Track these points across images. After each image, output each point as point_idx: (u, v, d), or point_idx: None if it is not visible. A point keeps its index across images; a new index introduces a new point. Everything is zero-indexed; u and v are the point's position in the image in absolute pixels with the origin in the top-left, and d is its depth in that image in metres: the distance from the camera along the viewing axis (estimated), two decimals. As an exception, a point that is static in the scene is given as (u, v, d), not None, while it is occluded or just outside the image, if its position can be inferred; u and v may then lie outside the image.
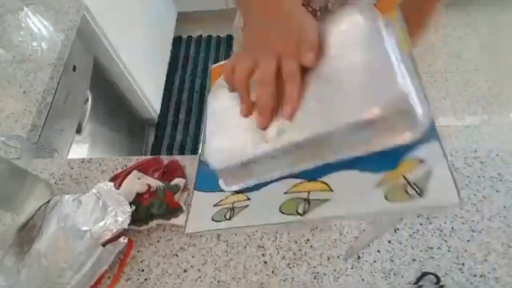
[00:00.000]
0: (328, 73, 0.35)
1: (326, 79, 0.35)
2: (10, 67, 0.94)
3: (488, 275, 0.56)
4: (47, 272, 0.56)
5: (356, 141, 0.32)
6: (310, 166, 0.35)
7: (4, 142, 0.75)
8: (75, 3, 1.07)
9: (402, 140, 0.31)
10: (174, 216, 0.63)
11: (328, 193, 0.34)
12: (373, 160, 0.33)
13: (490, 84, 1.93)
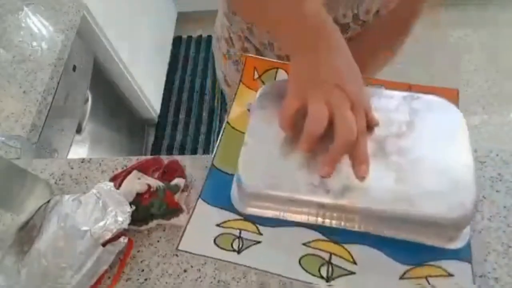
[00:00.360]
0: (411, 152, 0.35)
1: (408, 158, 0.35)
2: (10, 67, 0.94)
3: (488, 275, 0.56)
4: (47, 272, 0.56)
5: (402, 226, 0.33)
6: (339, 225, 0.34)
7: (4, 142, 0.75)
8: (75, 3, 1.07)
9: (441, 244, 0.33)
10: (174, 216, 0.63)
11: (352, 265, 0.34)
12: (401, 249, 0.33)
13: (490, 84, 1.93)
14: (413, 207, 0.32)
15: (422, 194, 0.33)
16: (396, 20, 0.60)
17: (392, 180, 0.34)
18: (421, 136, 0.37)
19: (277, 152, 0.36)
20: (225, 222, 0.39)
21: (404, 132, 0.37)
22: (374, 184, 0.34)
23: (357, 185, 0.34)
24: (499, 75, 1.96)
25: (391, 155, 0.36)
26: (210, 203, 0.41)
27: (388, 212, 0.32)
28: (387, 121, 0.38)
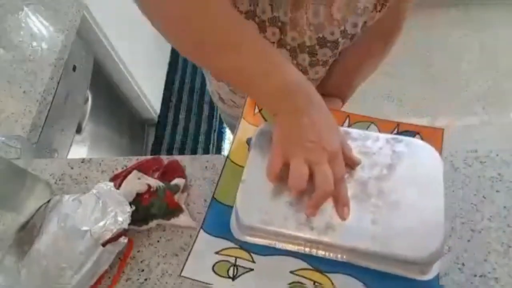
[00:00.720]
0: (389, 195, 0.40)
1: (386, 201, 0.39)
2: (10, 67, 0.94)
3: (488, 275, 0.56)
4: (47, 272, 0.56)
5: (378, 260, 0.37)
6: (325, 256, 0.38)
7: (4, 142, 0.75)
8: (75, 3, 1.07)
9: (413, 276, 0.37)
10: (174, 216, 0.63)
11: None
12: (378, 279, 0.38)
13: (490, 84, 1.93)
14: (386, 247, 0.37)
15: (395, 235, 0.38)
16: (380, 31, 0.62)
17: (370, 221, 0.39)
18: (400, 180, 0.41)
19: (271, 190, 0.41)
20: (223, 250, 0.44)
21: (385, 175, 0.42)
22: (354, 224, 0.38)
23: (339, 224, 0.39)
24: (499, 75, 1.96)
25: (371, 197, 0.40)
26: (211, 233, 0.45)
27: (364, 250, 0.37)
28: (371, 163, 0.43)
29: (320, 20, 0.53)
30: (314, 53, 0.56)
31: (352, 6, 0.51)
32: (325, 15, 0.52)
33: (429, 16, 2.20)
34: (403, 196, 0.41)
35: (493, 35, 2.10)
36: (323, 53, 0.57)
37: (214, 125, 1.93)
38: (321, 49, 0.56)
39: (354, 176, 0.42)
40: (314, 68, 0.58)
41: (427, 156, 0.44)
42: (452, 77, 1.97)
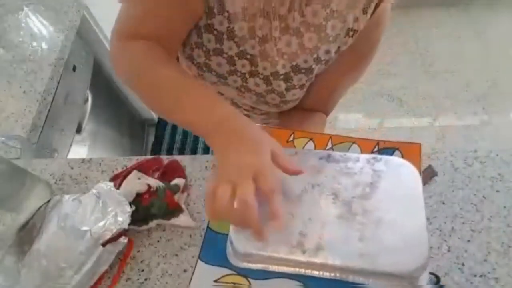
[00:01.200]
0: (373, 213, 0.41)
1: (370, 219, 0.41)
2: (10, 67, 0.94)
3: (488, 275, 0.56)
4: (47, 272, 0.56)
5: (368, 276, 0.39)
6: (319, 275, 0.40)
7: (4, 142, 0.75)
8: (75, 3, 1.07)
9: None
10: (174, 216, 0.63)
11: None
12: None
13: (490, 84, 1.93)
14: (375, 264, 0.39)
15: (382, 251, 0.39)
16: (357, 49, 0.63)
17: (357, 239, 0.41)
18: (382, 197, 0.44)
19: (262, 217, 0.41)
20: (221, 278, 0.45)
21: (368, 193, 0.44)
22: (342, 242, 0.40)
23: (328, 244, 0.41)
24: (499, 75, 1.96)
25: (357, 215, 0.42)
26: (208, 262, 0.47)
27: (354, 268, 0.39)
28: (353, 184, 0.45)
29: (292, 50, 0.54)
30: (289, 79, 0.58)
31: (323, 36, 0.52)
32: (297, 45, 0.54)
33: (429, 16, 2.20)
34: (386, 213, 0.43)
35: (493, 35, 2.11)
36: (299, 78, 0.58)
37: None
38: (296, 75, 0.57)
39: (339, 197, 0.44)
40: (291, 91, 0.60)
41: (406, 173, 0.46)
42: (452, 77, 1.97)
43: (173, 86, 0.48)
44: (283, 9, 0.50)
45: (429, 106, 1.88)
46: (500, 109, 1.86)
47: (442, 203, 0.64)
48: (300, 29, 0.52)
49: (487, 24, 2.16)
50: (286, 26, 0.52)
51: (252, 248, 0.42)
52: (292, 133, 0.53)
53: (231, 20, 0.52)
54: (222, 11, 0.51)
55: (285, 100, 0.61)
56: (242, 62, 0.57)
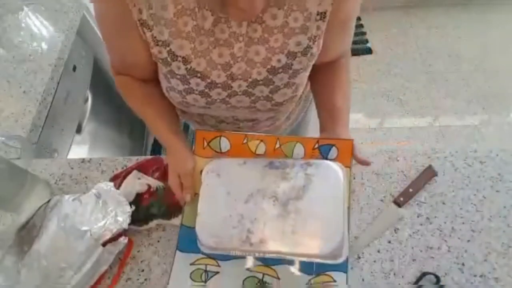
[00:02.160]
0: (303, 210, 0.54)
1: (301, 215, 0.54)
2: (10, 67, 0.94)
3: (488, 275, 0.56)
4: (47, 272, 0.56)
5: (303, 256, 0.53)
6: (269, 256, 0.53)
7: (4, 142, 0.75)
8: (75, 3, 1.07)
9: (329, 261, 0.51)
10: (174, 216, 0.63)
11: (277, 280, 0.56)
12: (307, 266, 0.55)
13: (490, 84, 1.93)
14: (305, 249, 0.52)
15: (309, 240, 0.52)
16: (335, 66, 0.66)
17: (290, 232, 0.53)
18: (311, 197, 0.55)
19: (219, 217, 0.55)
20: (196, 261, 0.57)
21: (300, 195, 0.55)
22: (279, 236, 0.53)
23: (269, 238, 0.53)
24: (499, 75, 1.96)
25: (291, 213, 0.54)
26: (184, 250, 0.58)
27: (290, 253, 0.52)
28: (290, 187, 0.56)
29: (262, 56, 0.55)
30: (270, 82, 0.58)
31: (287, 31, 0.53)
32: (266, 50, 0.54)
33: (429, 16, 2.20)
34: (313, 210, 0.54)
35: (493, 35, 2.10)
36: (280, 78, 0.58)
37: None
38: (275, 76, 0.57)
39: (278, 199, 0.56)
40: (278, 93, 0.60)
41: (331, 173, 0.56)
42: (452, 77, 1.97)
43: (145, 119, 0.65)
44: (242, 28, 0.52)
45: (429, 106, 1.87)
46: (500, 109, 1.86)
47: (442, 203, 0.64)
48: (264, 35, 0.53)
49: (487, 24, 2.16)
50: (249, 39, 0.54)
51: (213, 243, 0.54)
52: (245, 136, 0.63)
53: (186, 61, 0.55)
54: (175, 58, 0.55)
55: (277, 103, 0.62)
56: (215, 91, 0.59)
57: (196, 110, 0.65)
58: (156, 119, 0.64)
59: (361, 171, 0.68)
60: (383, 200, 0.65)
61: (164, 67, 0.57)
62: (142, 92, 0.65)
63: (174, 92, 0.60)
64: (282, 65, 0.56)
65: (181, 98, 0.61)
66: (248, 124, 0.72)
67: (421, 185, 0.65)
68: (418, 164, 0.68)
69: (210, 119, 0.72)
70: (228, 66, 0.56)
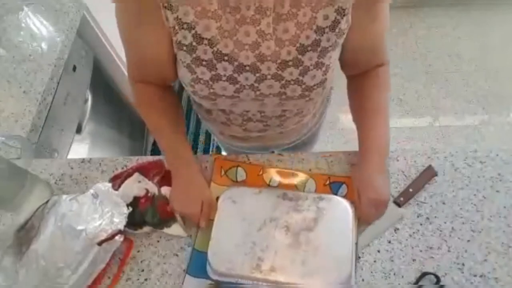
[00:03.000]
0: (314, 242, 0.57)
1: (311, 247, 0.57)
2: (10, 67, 0.94)
3: (488, 275, 0.56)
4: (45, 272, 0.57)
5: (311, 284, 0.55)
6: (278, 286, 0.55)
7: (4, 142, 0.75)
8: (75, 3, 1.07)
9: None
10: (167, 226, 0.62)
11: None
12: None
13: (490, 84, 1.93)
14: (313, 280, 0.55)
15: (318, 271, 0.55)
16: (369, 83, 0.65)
17: (300, 262, 0.56)
18: (322, 230, 0.58)
19: (232, 243, 0.58)
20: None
21: (312, 226, 0.59)
22: (289, 266, 0.56)
23: (279, 267, 0.56)
24: (499, 75, 1.96)
25: (302, 244, 0.57)
26: (194, 275, 0.59)
27: (299, 283, 0.55)
28: (302, 218, 0.59)
29: (292, 33, 0.53)
30: (299, 62, 0.56)
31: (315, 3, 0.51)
32: (295, 26, 0.52)
33: (429, 16, 2.20)
34: (323, 242, 0.57)
35: (493, 35, 2.10)
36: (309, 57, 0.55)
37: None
38: (303, 56, 0.55)
39: (290, 229, 0.59)
40: (308, 74, 0.57)
41: (341, 209, 0.60)
42: (452, 77, 1.97)
43: (154, 129, 0.67)
44: (269, 2, 0.50)
45: (429, 106, 1.87)
46: (500, 109, 1.86)
47: (442, 203, 0.64)
48: (291, 10, 0.51)
49: (487, 24, 2.16)
50: (277, 15, 0.51)
51: (224, 268, 0.56)
52: (262, 168, 0.69)
53: (212, 43, 0.53)
54: (201, 41, 0.53)
55: (307, 87, 0.59)
56: (244, 75, 0.56)
57: (223, 103, 0.62)
58: (176, 135, 0.66)
59: (361, 171, 0.68)
60: (383, 200, 0.65)
61: (188, 56, 0.55)
62: (162, 105, 0.66)
63: (200, 84, 0.58)
64: (311, 42, 0.54)
65: (208, 89, 0.58)
66: (276, 122, 0.70)
67: (421, 185, 0.65)
68: (418, 164, 0.68)
69: (237, 119, 0.70)
70: (257, 45, 0.53)
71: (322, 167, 0.69)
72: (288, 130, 0.75)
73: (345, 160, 0.69)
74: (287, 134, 0.78)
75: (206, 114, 0.73)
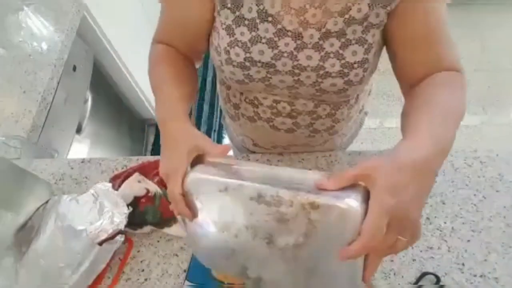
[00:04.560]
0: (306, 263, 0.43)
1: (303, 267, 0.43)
2: (10, 67, 0.94)
3: (488, 275, 0.56)
4: (45, 272, 0.56)
5: None
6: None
7: (4, 142, 0.75)
8: (75, 3, 1.07)
9: None
10: (167, 225, 0.62)
11: None
12: None
13: (490, 84, 1.93)
14: None
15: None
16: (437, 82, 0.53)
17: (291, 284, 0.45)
18: (316, 248, 0.42)
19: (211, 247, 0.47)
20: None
21: (301, 243, 0.42)
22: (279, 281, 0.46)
23: (267, 278, 0.46)
24: (499, 75, 1.96)
25: (290, 262, 0.43)
26: (193, 281, 0.58)
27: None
28: (287, 231, 0.42)
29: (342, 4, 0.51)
30: (343, 34, 0.53)
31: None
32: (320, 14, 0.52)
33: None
34: (319, 264, 0.42)
35: (493, 35, 2.10)
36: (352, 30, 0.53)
37: (214, 125, 1.93)
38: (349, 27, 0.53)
39: (272, 241, 0.43)
40: (348, 48, 0.54)
41: (345, 222, 0.39)
42: (452, 77, 1.97)
43: (158, 83, 0.57)
44: None
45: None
46: (500, 109, 1.86)
47: (442, 203, 0.64)
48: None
49: (487, 24, 2.16)
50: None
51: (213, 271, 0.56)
52: None
53: (260, 1, 0.52)
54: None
55: (347, 63, 0.54)
56: (284, 40, 0.54)
57: (257, 74, 0.57)
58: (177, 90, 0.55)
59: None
60: (383, 200, 0.64)
61: (231, 14, 0.53)
62: (174, 62, 0.60)
63: (237, 47, 0.55)
64: (361, 17, 0.51)
65: (245, 53, 0.55)
66: (306, 120, 0.65)
67: (421, 185, 0.64)
68: (418, 164, 0.68)
69: (265, 111, 0.66)
70: (303, 11, 0.51)
71: (322, 167, 0.68)
72: (316, 137, 0.70)
73: (345, 160, 0.69)
74: (315, 141, 0.71)
75: (234, 109, 0.70)
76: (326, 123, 0.67)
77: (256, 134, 0.74)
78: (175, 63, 0.60)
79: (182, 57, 0.62)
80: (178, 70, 0.59)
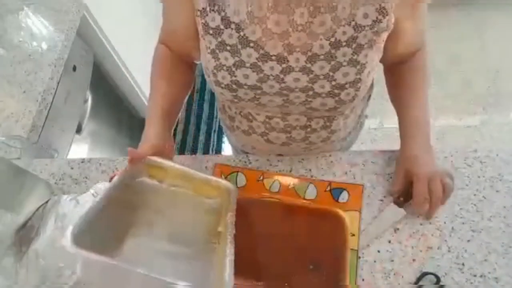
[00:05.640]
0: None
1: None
2: (10, 67, 0.94)
3: (488, 275, 0.56)
4: (45, 272, 0.56)
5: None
6: None
7: (4, 142, 0.75)
8: (75, 3, 1.07)
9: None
10: None
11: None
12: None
13: (490, 84, 1.93)
14: None
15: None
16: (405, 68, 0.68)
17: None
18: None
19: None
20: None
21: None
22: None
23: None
24: (499, 75, 1.96)
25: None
26: None
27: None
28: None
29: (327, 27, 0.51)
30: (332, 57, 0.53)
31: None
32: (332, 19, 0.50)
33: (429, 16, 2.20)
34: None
35: (493, 35, 2.10)
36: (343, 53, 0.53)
37: (214, 125, 1.93)
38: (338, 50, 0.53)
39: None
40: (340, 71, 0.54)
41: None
42: (452, 77, 1.97)
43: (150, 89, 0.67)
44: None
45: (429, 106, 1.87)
46: (500, 109, 1.86)
47: (442, 203, 0.64)
48: (332, 3, 0.48)
49: (487, 24, 2.15)
50: (314, 8, 0.49)
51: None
52: (262, 173, 0.66)
53: (240, 28, 0.52)
54: (229, 25, 0.52)
55: (338, 84, 0.55)
56: (269, 64, 0.54)
57: (245, 96, 0.58)
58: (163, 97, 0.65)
59: (361, 171, 0.68)
60: (383, 200, 0.65)
61: (214, 40, 0.54)
62: (171, 64, 0.67)
63: (222, 70, 0.56)
64: (346, 38, 0.51)
65: (230, 76, 0.56)
66: (301, 134, 0.66)
67: (421, 185, 0.64)
68: (418, 164, 0.68)
69: (259, 126, 0.67)
70: (286, 35, 0.51)
71: (322, 167, 0.68)
72: (313, 149, 0.71)
73: (345, 160, 0.69)
74: (313, 151, 0.72)
75: (230, 121, 0.72)
76: (322, 135, 0.68)
77: (252, 145, 0.75)
78: (168, 69, 0.67)
79: (176, 59, 0.67)
80: (165, 71, 0.67)
